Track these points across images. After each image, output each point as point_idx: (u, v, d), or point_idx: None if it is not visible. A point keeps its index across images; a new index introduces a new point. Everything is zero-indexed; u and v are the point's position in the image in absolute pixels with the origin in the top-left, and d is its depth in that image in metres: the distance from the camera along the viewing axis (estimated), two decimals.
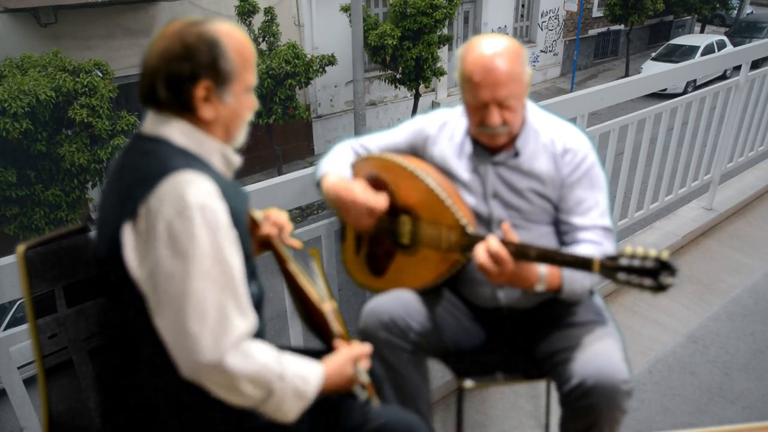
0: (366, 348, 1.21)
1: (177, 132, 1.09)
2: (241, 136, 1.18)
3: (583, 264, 1.24)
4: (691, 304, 2.73)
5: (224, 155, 1.15)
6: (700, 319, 2.64)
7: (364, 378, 1.17)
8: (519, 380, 1.60)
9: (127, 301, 1.04)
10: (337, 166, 1.61)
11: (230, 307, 1.02)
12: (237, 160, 1.18)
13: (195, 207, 0.99)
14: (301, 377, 1.08)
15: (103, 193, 1.14)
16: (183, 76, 1.06)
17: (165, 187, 1.00)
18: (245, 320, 1.04)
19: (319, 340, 1.34)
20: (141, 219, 1.01)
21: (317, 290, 1.30)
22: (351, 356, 1.18)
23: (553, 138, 1.49)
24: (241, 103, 1.13)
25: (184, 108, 1.08)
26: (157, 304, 1.01)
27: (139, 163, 1.06)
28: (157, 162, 1.04)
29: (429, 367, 1.60)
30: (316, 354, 1.36)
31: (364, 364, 1.19)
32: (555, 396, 1.51)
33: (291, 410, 1.08)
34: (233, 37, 1.09)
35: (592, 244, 1.44)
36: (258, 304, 1.20)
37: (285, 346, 1.42)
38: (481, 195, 1.52)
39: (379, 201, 1.50)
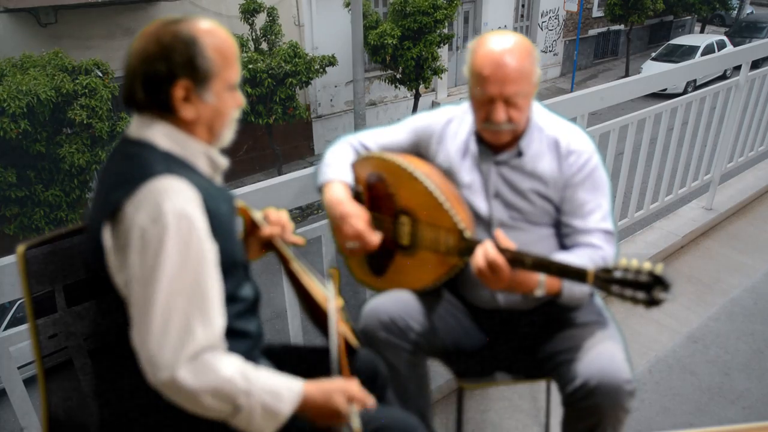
0: (364, 395, 1.11)
1: (160, 135, 1.07)
2: (228, 134, 1.16)
3: (577, 275, 1.23)
4: (691, 304, 2.73)
5: (210, 157, 1.13)
6: (700, 319, 2.64)
7: (356, 423, 1.08)
8: (519, 380, 1.61)
9: (117, 303, 1.04)
10: (340, 172, 1.58)
11: (194, 319, 0.99)
12: (223, 162, 1.16)
13: (170, 215, 0.98)
14: (272, 393, 1.02)
15: (93, 195, 1.13)
16: (160, 77, 1.04)
17: (143, 192, 0.99)
18: (208, 332, 1.00)
19: (324, 337, 1.34)
20: (119, 224, 1.00)
21: (322, 289, 1.30)
22: (343, 388, 1.09)
23: (557, 139, 1.49)
24: (224, 102, 1.11)
25: (164, 109, 1.07)
26: (131, 310, 1.01)
27: (121, 167, 1.05)
28: (137, 166, 1.03)
29: (429, 367, 1.60)
30: (320, 352, 1.36)
31: (358, 407, 1.10)
32: (555, 396, 1.51)
33: (264, 427, 1.02)
34: (212, 35, 1.07)
35: (592, 248, 1.44)
36: (254, 305, 1.20)
37: (286, 346, 1.42)
38: (482, 194, 1.52)
39: (374, 240, 1.48)
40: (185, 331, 0.98)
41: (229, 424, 1.04)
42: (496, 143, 1.49)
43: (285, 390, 1.04)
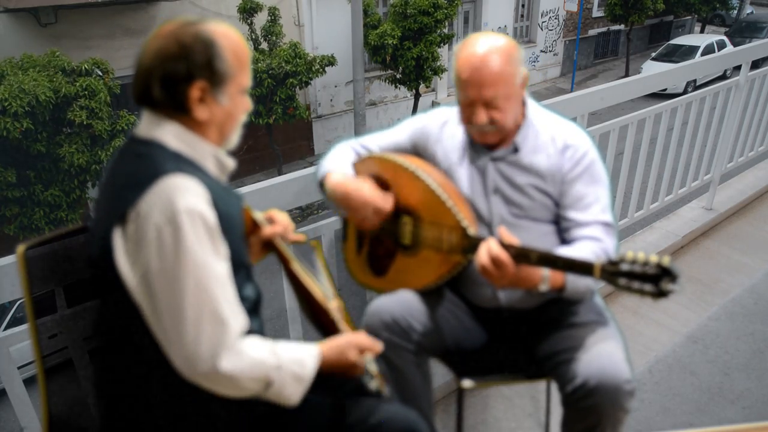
0: (373, 343, 1.21)
1: (170, 135, 1.08)
2: (235, 137, 1.18)
3: (584, 269, 1.23)
4: (691, 304, 2.73)
5: (218, 158, 1.15)
6: (700, 319, 2.64)
7: (372, 367, 1.17)
8: (519, 380, 1.60)
9: (122, 302, 1.04)
10: (339, 165, 1.61)
11: (224, 309, 1.02)
12: (231, 163, 1.18)
13: (183, 212, 0.99)
14: (297, 362, 1.10)
15: (98, 194, 1.14)
16: (178, 76, 1.05)
17: (155, 191, 1.00)
18: (238, 320, 1.05)
19: (324, 339, 1.34)
20: (131, 223, 1.01)
21: (322, 289, 1.30)
22: (353, 341, 1.18)
23: (553, 134, 1.50)
24: (236, 104, 1.13)
25: (178, 108, 1.08)
26: (151, 309, 1.02)
27: (131, 166, 1.06)
28: (148, 165, 1.04)
29: (430, 367, 1.60)
30: None
31: (371, 355, 1.20)
32: (555, 396, 1.51)
33: (293, 394, 1.09)
34: (229, 38, 1.09)
35: (592, 241, 1.44)
36: (255, 306, 1.20)
37: None
38: (481, 191, 1.52)
39: (387, 202, 1.50)
40: (220, 323, 1.01)
41: (260, 398, 1.09)
42: (483, 143, 1.50)
43: (307, 356, 1.12)
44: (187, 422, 1.10)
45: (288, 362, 1.08)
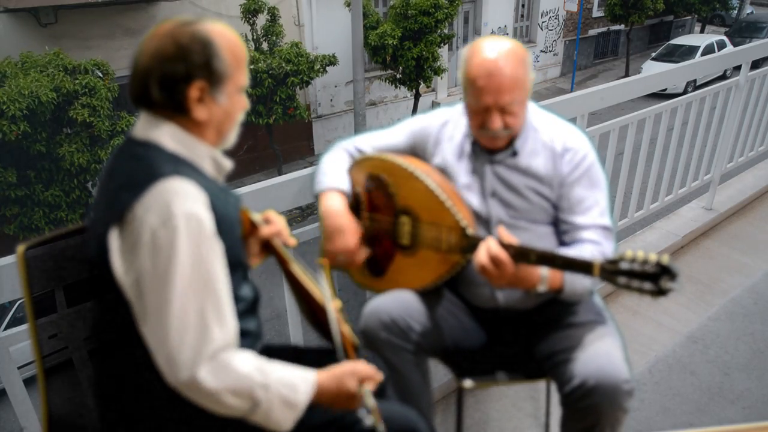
0: (373, 372, 1.14)
1: (167, 136, 1.08)
2: (233, 136, 1.18)
3: (583, 267, 1.23)
4: (691, 304, 2.73)
5: (215, 160, 1.14)
6: (700, 319, 2.64)
7: (370, 401, 1.11)
8: (519, 380, 1.60)
9: (120, 303, 1.04)
10: (336, 180, 1.58)
11: (210, 318, 1.01)
12: (228, 164, 1.17)
13: (180, 216, 0.99)
14: (288, 385, 1.05)
15: (95, 195, 1.14)
16: (177, 77, 1.05)
17: (151, 194, 1.00)
18: (224, 331, 1.03)
19: (324, 339, 1.34)
20: (127, 225, 1.01)
21: (321, 290, 1.30)
22: (353, 371, 1.12)
23: (552, 137, 1.49)
24: (234, 104, 1.13)
25: (177, 109, 1.07)
26: (142, 312, 1.01)
27: (128, 168, 1.06)
28: (145, 168, 1.03)
29: (429, 367, 1.60)
30: (320, 352, 1.36)
31: (370, 386, 1.13)
32: (555, 396, 1.51)
33: (283, 420, 1.05)
34: (226, 37, 1.09)
35: (591, 244, 1.44)
36: (253, 306, 1.20)
37: (286, 346, 1.43)
38: (479, 194, 1.52)
39: (360, 258, 1.55)
40: (203, 331, 1.00)
41: (247, 421, 1.05)
42: (492, 147, 1.49)
43: (300, 381, 1.08)
44: (186, 422, 1.10)
45: (277, 383, 1.04)
